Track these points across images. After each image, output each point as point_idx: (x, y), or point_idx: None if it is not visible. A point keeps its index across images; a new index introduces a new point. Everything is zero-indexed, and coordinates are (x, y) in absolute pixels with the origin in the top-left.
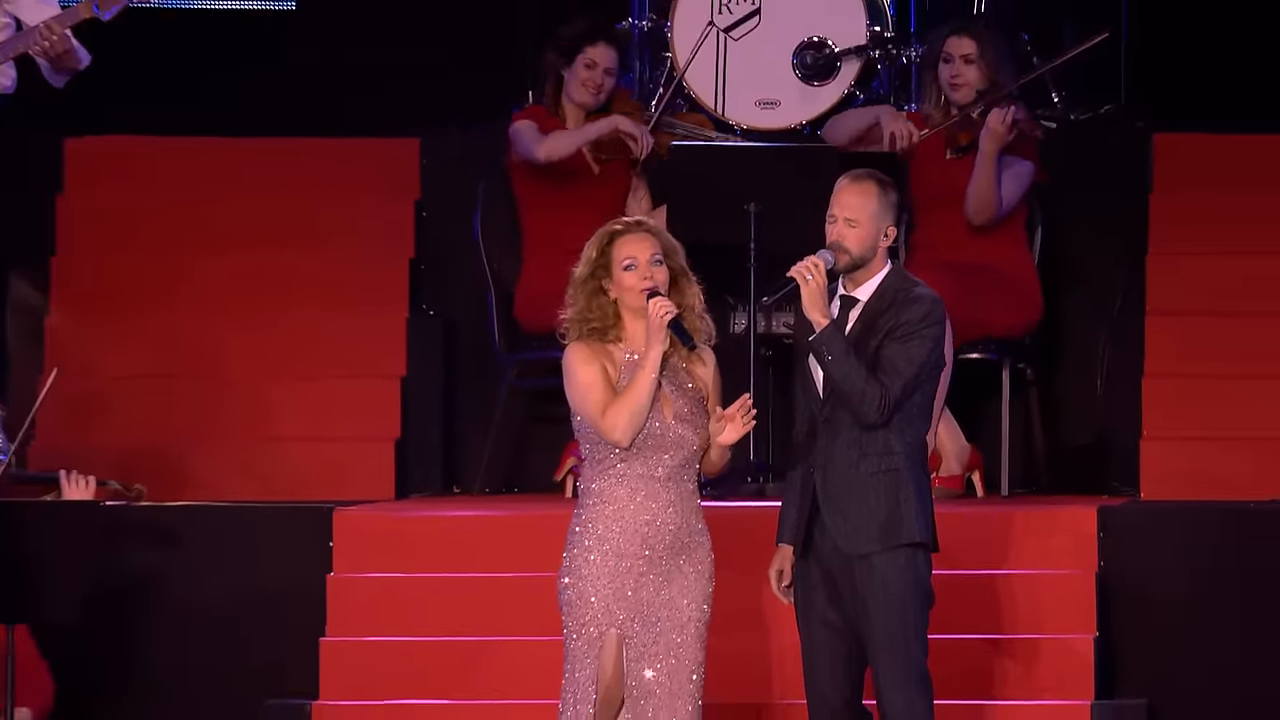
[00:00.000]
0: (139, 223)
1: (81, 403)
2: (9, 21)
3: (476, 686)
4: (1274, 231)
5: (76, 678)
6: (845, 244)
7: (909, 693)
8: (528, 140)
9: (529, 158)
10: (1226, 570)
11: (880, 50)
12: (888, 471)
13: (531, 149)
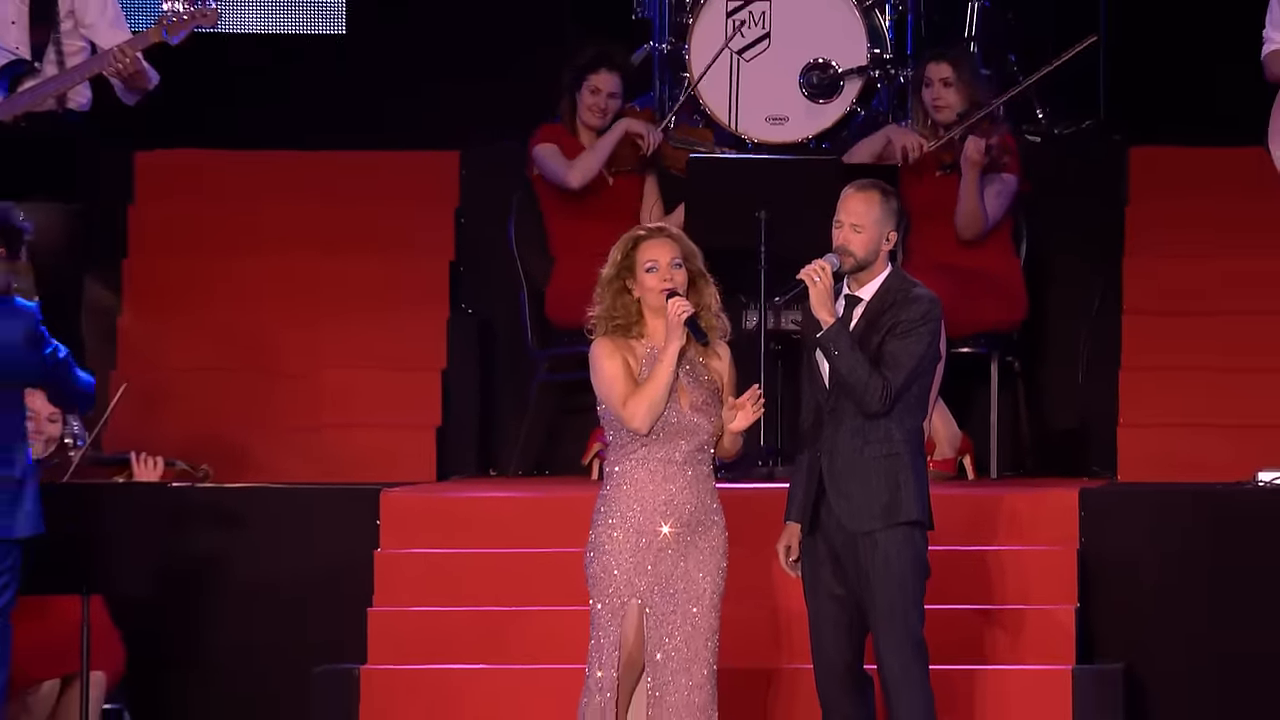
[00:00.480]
0: (203, 229)
1: (150, 392)
2: (84, 45)
3: (511, 652)
4: (1240, 237)
5: (146, 645)
6: (850, 247)
7: (906, 658)
8: (555, 167)
9: (561, 183)
10: (1197, 547)
11: (879, 71)
12: (888, 456)
13: (561, 175)
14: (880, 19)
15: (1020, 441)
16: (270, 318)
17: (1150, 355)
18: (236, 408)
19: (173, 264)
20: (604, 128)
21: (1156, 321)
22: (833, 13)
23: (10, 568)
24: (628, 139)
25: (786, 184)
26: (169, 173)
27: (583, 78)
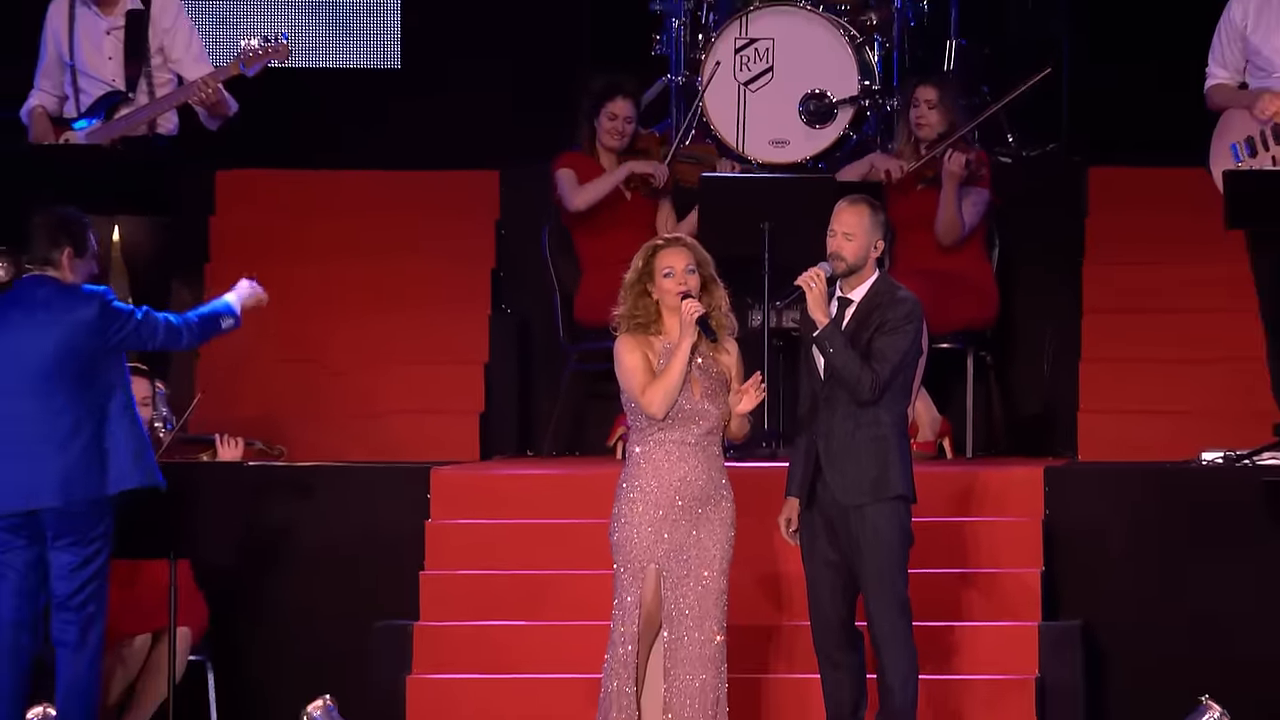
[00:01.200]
0: (275, 238)
1: (229, 381)
2: (172, 77)
3: (545, 610)
4: (1186, 247)
5: (226, 604)
6: (843, 254)
7: (893, 616)
8: (565, 191)
9: (568, 206)
10: (1148, 518)
11: (869, 100)
12: (877, 439)
13: (568, 199)
14: (869, 54)
15: (993, 425)
16: (332, 316)
17: (1107, 350)
18: (304, 396)
19: (248, 269)
20: (622, 148)
21: (1112, 320)
22: (828, 48)
23: (103, 534)
24: (636, 177)
25: (787, 199)
26: (245, 189)
27: (601, 105)
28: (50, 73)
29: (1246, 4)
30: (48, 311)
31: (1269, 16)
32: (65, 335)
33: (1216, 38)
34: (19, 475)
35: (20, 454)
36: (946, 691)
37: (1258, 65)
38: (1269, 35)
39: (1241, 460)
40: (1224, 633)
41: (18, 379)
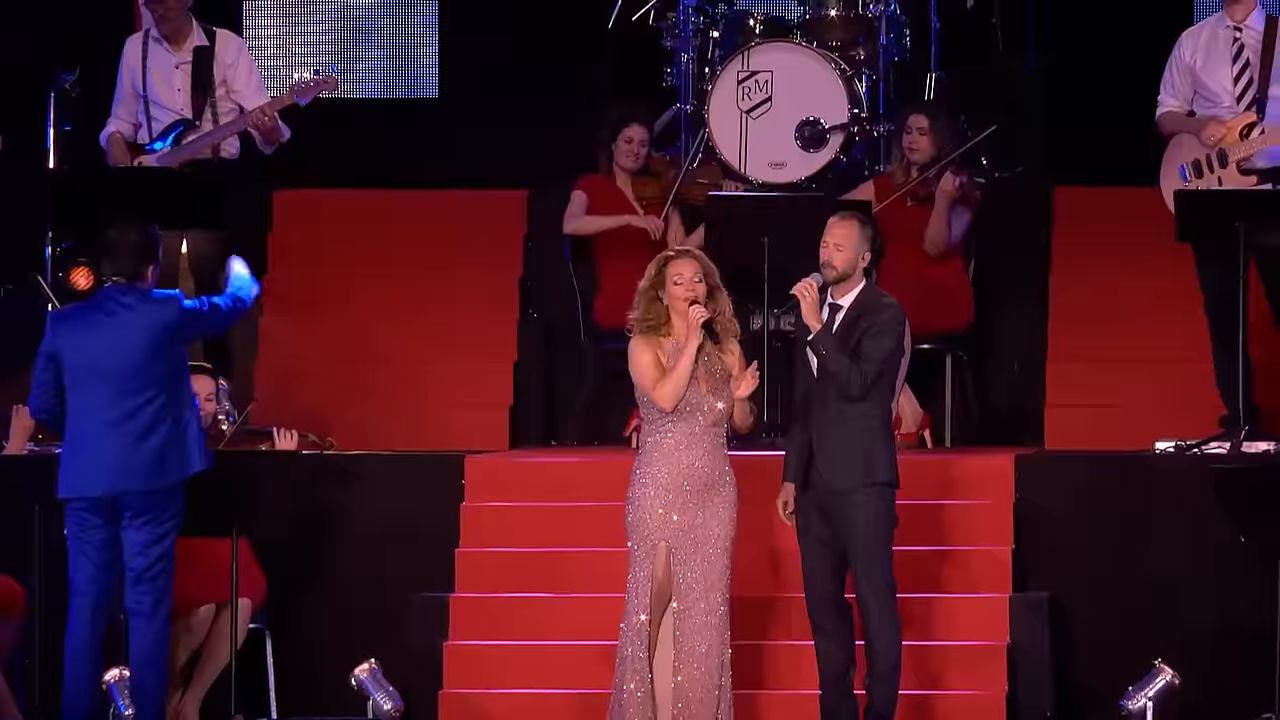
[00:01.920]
0: (325, 251)
1: (284, 378)
2: (233, 107)
3: (568, 584)
4: (1141, 258)
5: (283, 578)
6: (834, 263)
7: (879, 590)
8: (569, 212)
9: (563, 227)
10: (1107, 501)
11: (858, 127)
12: (865, 430)
13: (566, 220)
14: (858, 86)
15: (968, 418)
16: (376, 320)
17: (1071, 351)
18: (351, 390)
19: (302, 278)
20: (636, 169)
21: (1076, 324)
22: (821, 80)
23: (175, 513)
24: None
25: (784, 215)
26: (299, 207)
27: (618, 130)
28: (126, 103)
29: (1195, 42)
30: (132, 315)
31: (1214, 54)
32: (149, 336)
33: (1168, 71)
34: (107, 461)
35: (108, 443)
36: (927, 656)
37: (1204, 96)
38: (1214, 71)
39: (1191, 449)
40: (1176, 604)
41: (107, 376)
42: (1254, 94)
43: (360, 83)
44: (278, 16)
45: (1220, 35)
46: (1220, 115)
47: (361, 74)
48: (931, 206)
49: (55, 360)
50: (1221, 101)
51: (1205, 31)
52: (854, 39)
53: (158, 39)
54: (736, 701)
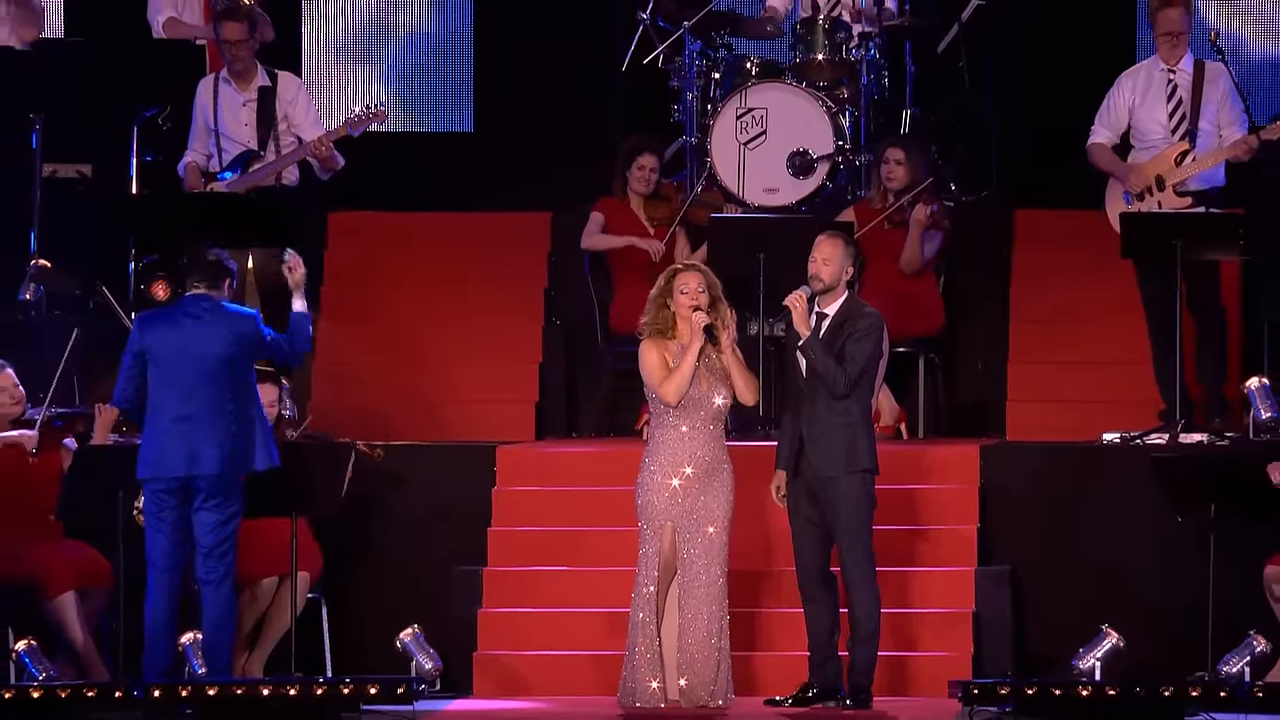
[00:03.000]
0: (374, 266)
1: (338, 377)
2: (294, 139)
3: (586, 558)
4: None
5: (337, 554)
6: (820, 275)
7: (861, 564)
8: (586, 230)
9: (580, 243)
10: (1062, 486)
11: (842, 157)
12: (848, 424)
13: (583, 238)
14: (843, 120)
15: (939, 413)
16: (418, 326)
17: (1029, 354)
18: (396, 388)
19: (354, 290)
20: (648, 193)
21: (1033, 330)
22: (809, 116)
23: (240, 497)
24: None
25: (778, 235)
26: (352, 228)
27: (631, 159)
28: (199, 136)
29: (1134, 82)
30: (211, 320)
31: (1151, 93)
32: (230, 342)
33: (1106, 103)
34: (182, 448)
35: (190, 431)
36: (903, 622)
37: (1138, 134)
38: (1151, 108)
39: (1134, 439)
40: (1122, 576)
41: (191, 373)
42: (1186, 126)
43: (404, 118)
44: (333, 59)
45: (1156, 76)
46: (1145, 158)
47: (405, 110)
48: (906, 229)
49: (141, 357)
50: (1154, 135)
51: (1142, 73)
52: (839, 80)
53: (227, 80)
54: (734, 662)
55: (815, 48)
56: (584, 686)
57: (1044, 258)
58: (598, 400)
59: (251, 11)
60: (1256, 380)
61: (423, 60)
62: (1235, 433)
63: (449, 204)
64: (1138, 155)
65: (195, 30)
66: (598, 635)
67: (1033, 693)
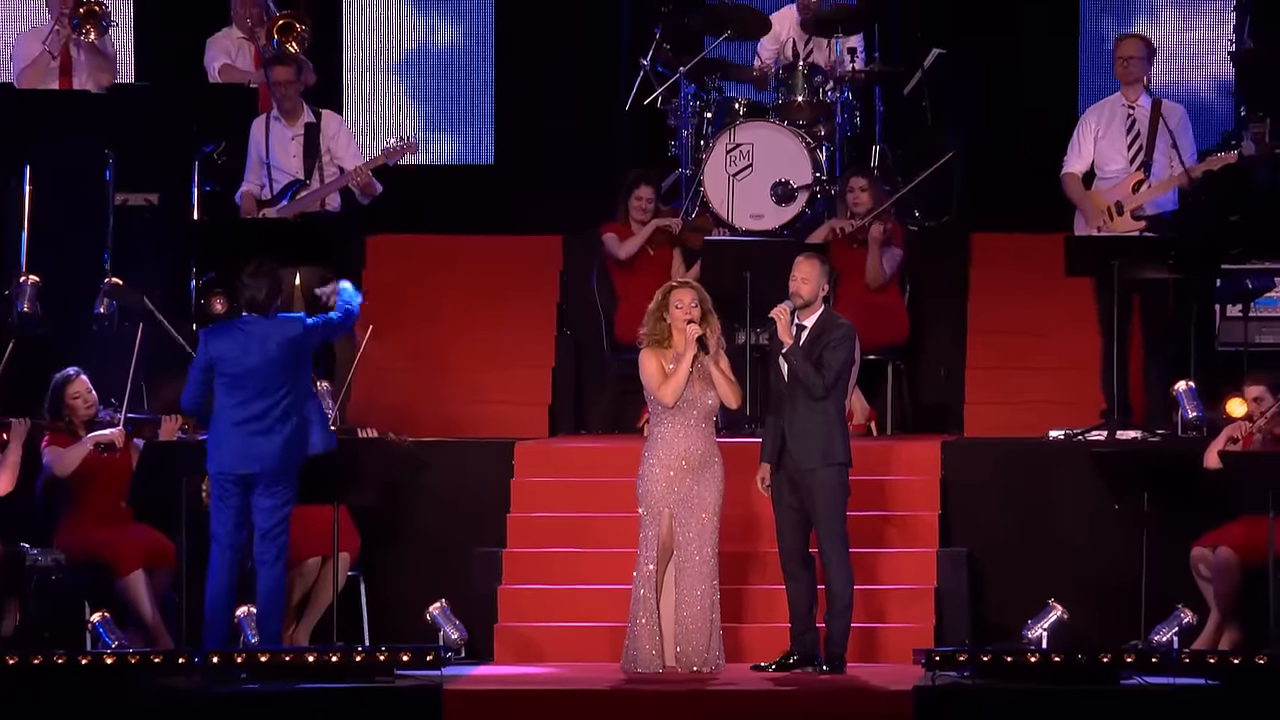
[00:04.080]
0: (407, 284)
1: (375, 382)
2: (336, 170)
3: (594, 540)
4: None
5: (374, 537)
6: (800, 292)
7: (836, 545)
8: (612, 249)
9: (619, 256)
10: (1014, 477)
11: (819, 186)
12: (825, 422)
13: (615, 253)
14: (820, 154)
15: (905, 413)
16: (445, 336)
17: (985, 361)
18: (426, 391)
19: (389, 304)
20: (646, 221)
21: (989, 340)
22: (791, 150)
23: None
24: (659, 231)
25: (762, 256)
26: (388, 249)
27: (632, 189)
28: (253, 168)
29: (1098, 117)
30: (266, 333)
31: (1113, 127)
32: (280, 349)
33: (1074, 137)
34: (247, 447)
35: (250, 431)
36: (873, 597)
37: (1100, 164)
38: (1113, 140)
39: (1076, 436)
40: (1066, 556)
41: (246, 379)
42: (1143, 158)
43: (434, 152)
44: (370, 98)
45: (1118, 112)
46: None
47: (434, 145)
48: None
49: (209, 368)
50: (1114, 165)
51: (1106, 109)
52: (816, 119)
53: (277, 118)
54: (724, 632)
55: (796, 91)
56: (592, 654)
57: (998, 276)
58: (604, 402)
59: (297, 57)
60: (1184, 384)
61: (450, 100)
62: (1166, 430)
63: (472, 228)
64: (1099, 183)
65: (247, 75)
66: (604, 609)
67: (987, 659)
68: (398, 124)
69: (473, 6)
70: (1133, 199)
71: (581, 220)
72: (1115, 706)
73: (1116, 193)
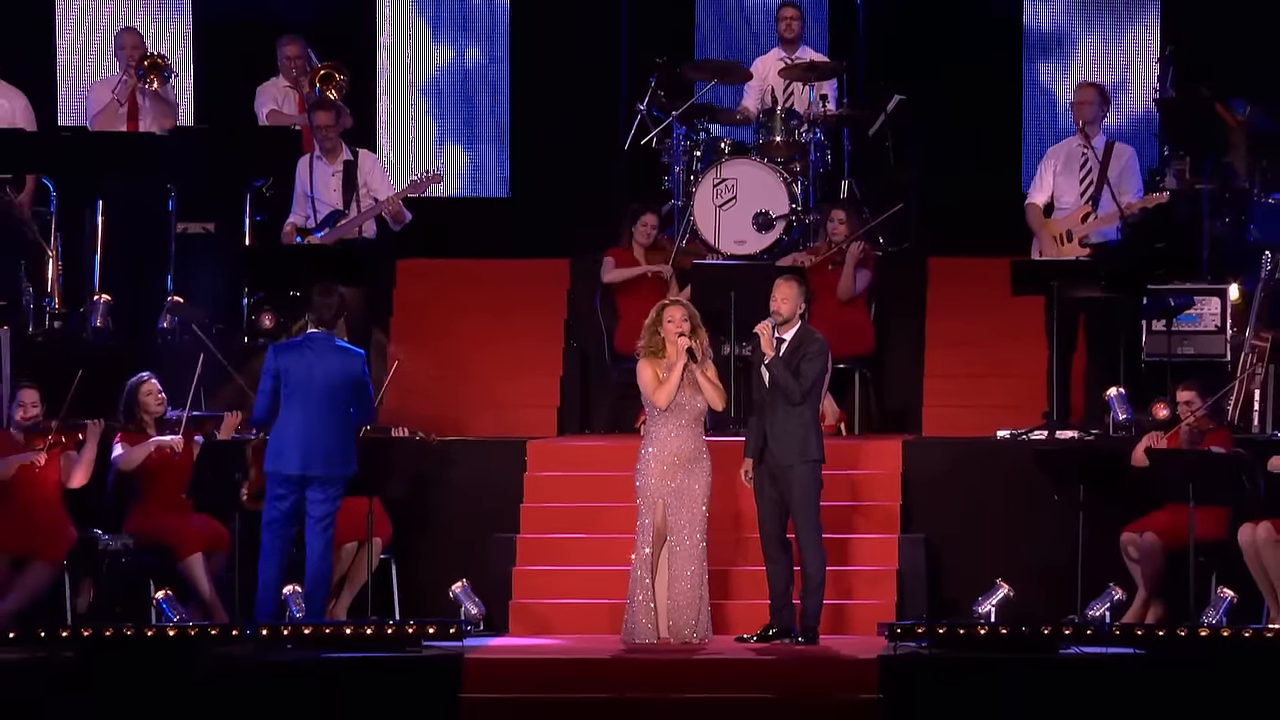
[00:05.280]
0: (434, 302)
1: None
2: (371, 202)
3: (599, 526)
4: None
5: (404, 524)
6: (780, 310)
7: (811, 531)
8: (604, 270)
9: (602, 279)
10: (967, 472)
11: (795, 216)
12: (802, 424)
13: (604, 275)
14: (795, 188)
15: (870, 415)
16: (466, 347)
17: (940, 370)
18: (450, 395)
19: (417, 319)
20: (648, 245)
21: (944, 351)
22: (770, 184)
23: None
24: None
25: (745, 277)
26: (417, 271)
27: (638, 217)
28: (299, 201)
29: (1059, 153)
30: (328, 353)
31: (1071, 164)
32: (342, 373)
33: (1038, 172)
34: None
35: (307, 438)
36: (842, 577)
37: (1057, 196)
38: (1070, 175)
39: (1021, 435)
40: (1012, 540)
41: (309, 393)
42: (1093, 192)
43: (456, 185)
44: (401, 138)
45: (1075, 151)
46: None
47: (456, 179)
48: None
49: (276, 378)
50: (1068, 198)
51: (1065, 148)
52: (792, 156)
53: (319, 156)
54: (711, 608)
55: (774, 132)
56: (595, 627)
57: (952, 295)
58: (605, 405)
59: (336, 104)
60: (1115, 390)
61: (467, 140)
62: (1099, 431)
63: (490, 252)
64: (1057, 214)
65: (292, 119)
66: (606, 587)
67: (942, 631)
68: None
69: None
70: (1080, 229)
71: (585, 246)
72: (1055, 673)
73: (1067, 223)
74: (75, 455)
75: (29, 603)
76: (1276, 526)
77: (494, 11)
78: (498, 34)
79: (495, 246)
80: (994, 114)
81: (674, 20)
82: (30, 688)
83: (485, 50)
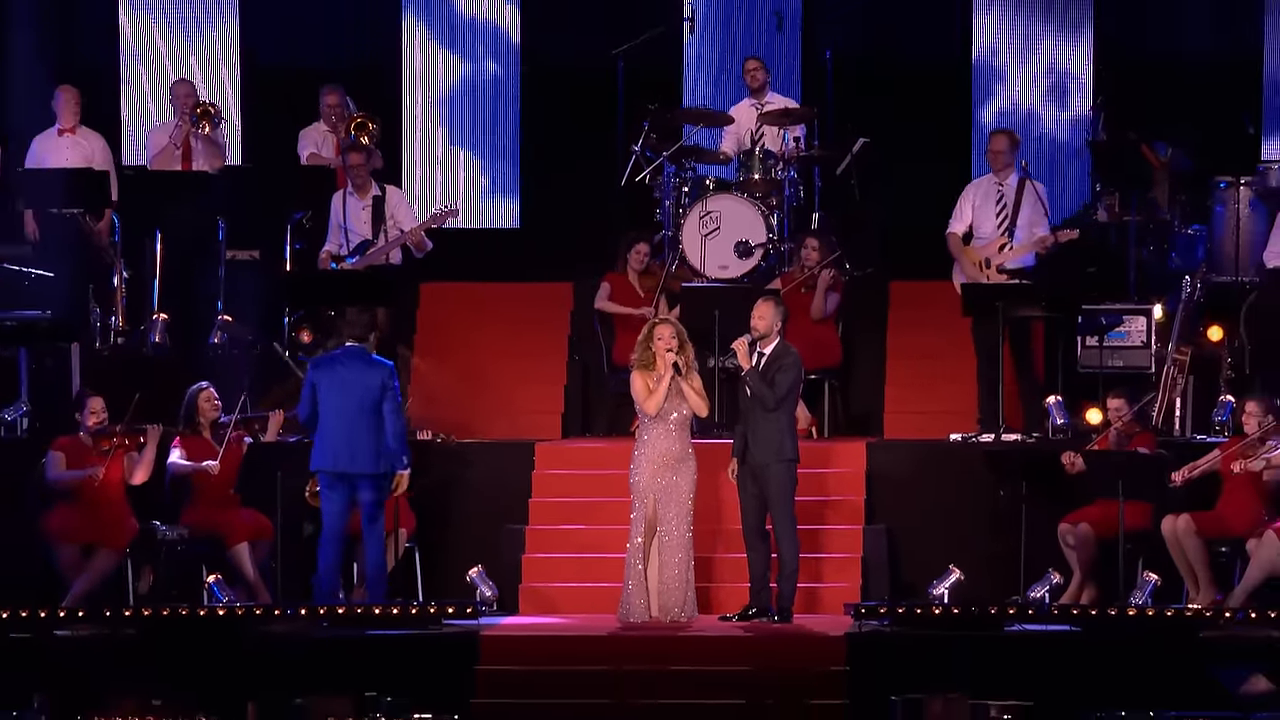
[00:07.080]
0: (452, 321)
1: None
2: (398, 232)
3: (599, 518)
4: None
5: (425, 516)
6: (759, 327)
7: (787, 523)
8: (598, 296)
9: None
10: (927, 470)
11: (773, 245)
12: (779, 429)
13: (596, 300)
14: (772, 219)
15: (837, 420)
16: (481, 361)
17: (900, 380)
18: (467, 403)
19: (438, 336)
20: (641, 270)
21: (903, 363)
22: (749, 216)
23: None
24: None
25: (728, 298)
26: (438, 294)
27: (633, 245)
28: (333, 231)
29: (976, 191)
30: (360, 365)
31: (987, 200)
32: (367, 384)
33: (958, 205)
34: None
35: (348, 439)
36: (814, 564)
37: (976, 227)
38: (986, 210)
39: (971, 438)
40: (963, 530)
41: (345, 398)
42: (1007, 225)
43: (472, 217)
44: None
45: (991, 188)
46: (982, 243)
47: (472, 211)
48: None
49: (315, 387)
50: (986, 229)
51: (983, 185)
52: (769, 192)
53: (351, 192)
54: (697, 591)
55: (753, 170)
56: (595, 608)
57: (910, 314)
58: (604, 411)
59: (368, 147)
60: (1053, 398)
61: (480, 177)
62: (1039, 434)
63: (502, 277)
64: (975, 242)
65: (329, 160)
66: (604, 572)
67: (902, 611)
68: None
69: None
70: (998, 257)
71: (586, 271)
72: (1000, 648)
73: (986, 251)
74: (137, 456)
75: (97, 586)
76: (1194, 519)
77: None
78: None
79: (507, 272)
80: (946, 155)
81: (663, 72)
82: (97, 661)
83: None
